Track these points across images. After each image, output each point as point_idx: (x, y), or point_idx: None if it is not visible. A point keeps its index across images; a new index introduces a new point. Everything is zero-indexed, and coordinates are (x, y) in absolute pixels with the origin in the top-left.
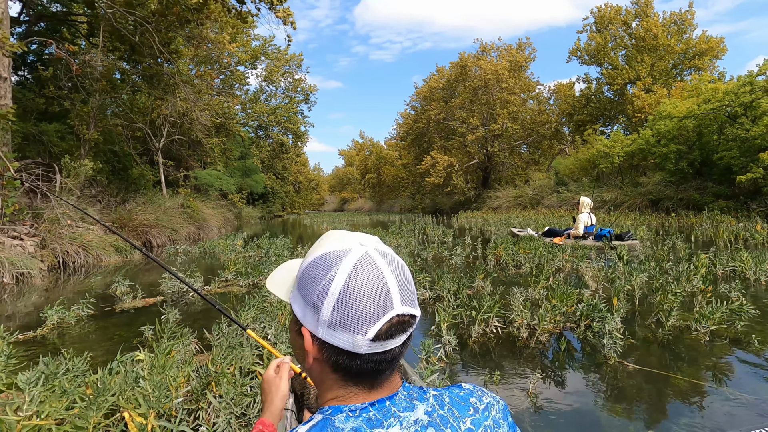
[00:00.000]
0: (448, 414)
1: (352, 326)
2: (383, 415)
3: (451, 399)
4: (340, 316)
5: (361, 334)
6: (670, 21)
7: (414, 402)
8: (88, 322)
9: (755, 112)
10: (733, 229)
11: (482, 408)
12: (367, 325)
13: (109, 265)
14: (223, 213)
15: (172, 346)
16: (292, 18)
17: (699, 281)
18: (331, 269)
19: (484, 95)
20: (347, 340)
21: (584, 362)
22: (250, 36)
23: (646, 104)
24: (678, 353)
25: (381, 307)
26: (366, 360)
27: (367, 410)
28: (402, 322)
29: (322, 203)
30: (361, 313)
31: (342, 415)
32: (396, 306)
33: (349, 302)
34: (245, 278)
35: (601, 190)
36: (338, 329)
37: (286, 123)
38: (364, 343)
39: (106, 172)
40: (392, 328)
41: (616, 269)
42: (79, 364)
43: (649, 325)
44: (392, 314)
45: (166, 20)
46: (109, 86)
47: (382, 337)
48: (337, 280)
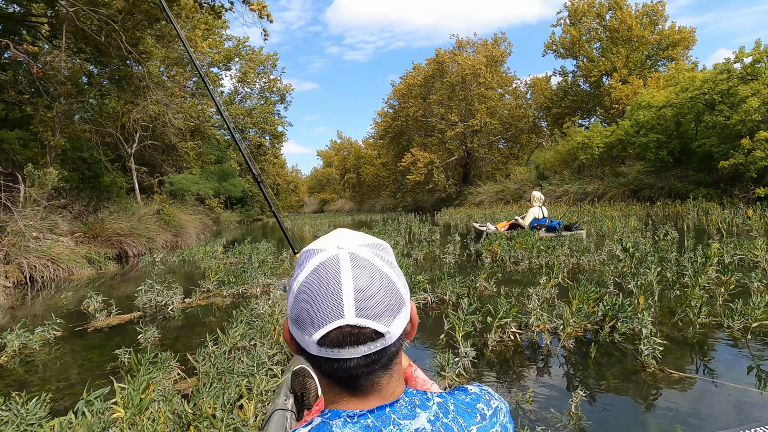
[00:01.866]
0: (453, 422)
1: (302, 325)
2: (382, 423)
3: (456, 406)
4: (295, 313)
5: (308, 335)
6: (643, 12)
7: (416, 410)
8: (56, 345)
9: (733, 99)
10: (723, 216)
11: (490, 414)
12: (312, 328)
13: (81, 278)
14: (200, 218)
15: (150, 379)
16: (267, 11)
17: (712, 272)
18: (301, 266)
19: (461, 91)
20: (301, 338)
21: (619, 371)
22: (222, 37)
23: (623, 95)
24: (717, 355)
25: (328, 313)
26: (322, 362)
27: (365, 417)
28: (355, 335)
29: (302, 205)
30: (308, 314)
31: (340, 420)
32: (347, 316)
33: (301, 301)
34: (228, 287)
35: (583, 182)
36: (295, 326)
37: (263, 124)
38: (312, 345)
39: (75, 180)
40: (342, 337)
41: (621, 260)
42: (36, 409)
43: (675, 324)
44: (340, 323)
45: (134, 18)
46: (75, 90)
47: (329, 344)
48: (299, 278)
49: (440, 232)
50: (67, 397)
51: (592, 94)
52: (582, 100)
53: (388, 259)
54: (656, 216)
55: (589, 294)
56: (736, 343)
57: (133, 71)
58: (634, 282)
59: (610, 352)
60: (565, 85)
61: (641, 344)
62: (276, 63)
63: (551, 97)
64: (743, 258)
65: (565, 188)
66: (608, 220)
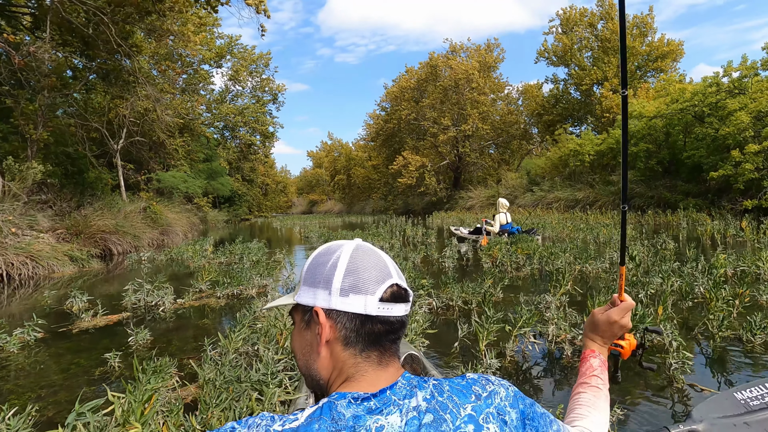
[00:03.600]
0: (448, 400)
1: (362, 288)
2: (383, 404)
3: (451, 387)
4: (350, 281)
5: (370, 294)
6: (633, 24)
7: (414, 390)
8: (37, 348)
9: (722, 112)
10: (716, 227)
11: (485, 396)
12: (374, 286)
13: (62, 276)
14: (188, 217)
15: (153, 389)
16: (265, 5)
17: (714, 282)
18: (336, 252)
19: (454, 95)
20: (359, 302)
21: (646, 385)
22: (214, 34)
23: (613, 104)
24: (740, 370)
25: (382, 274)
26: (376, 322)
27: (368, 399)
28: (400, 293)
29: (290, 206)
30: (367, 277)
31: (345, 401)
32: (393, 276)
33: (356, 270)
34: (223, 288)
35: (574, 189)
36: (350, 294)
37: (254, 123)
38: (374, 304)
39: (58, 176)
40: (393, 294)
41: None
42: (19, 424)
43: (695, 336)
44: (391, 282)
45: (124, 11)
46: (59, 83)
47: (387, 299)
48: (343, 256)
49: (434, 235)
50: (51, 406)
51: (583, 103)
52: (573, 108)
53: None
54: (648, 225)
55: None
56: (757, 358)
57: (122, 65)
58: (644, 291)
59: (631, 365)
60: (556, 93)
61: (669, 358)
62: (269, 62)
63: (543, 104)
64: (745, 270)
65: (556, 195)
66: (604, 228)
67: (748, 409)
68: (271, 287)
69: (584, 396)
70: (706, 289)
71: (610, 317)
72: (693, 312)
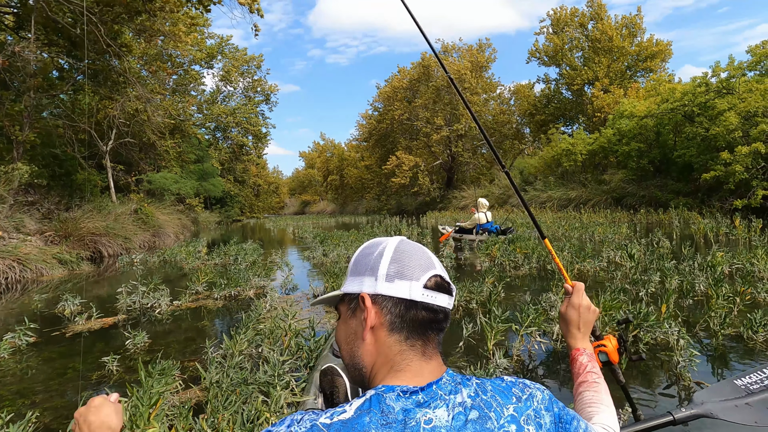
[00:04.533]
0: (492, 399)
1: (407, 274)
2: (430, 398)
3: (493, 387)
4: (396, 268)
5: (415, 279)
6: (622, 24)
7: (458, 386)
8: (29, 353)
9: (711, 112)
10: (708, 225)
11: (525, 398)
12: (419, 272)
13: (51, 279)
14: (179, 218)
15: (160, 392)
16: (258, 5)
17: (715, 280)
18: (381, 244)
19: (447, 95)
20: (404, 287)
21: (651, 383)
22: (204, 34)
23: (604, 104)
24: (744, 368)
25: (426, 264)
26: (420, 309)
27: (417, 393)
28: (443, 284)
29: (282, 207)
30: (412, 264)
31: (393, 394)
32: (437, 268)
33: (402, 257)
34: (220, 290)
35: (566, 189)
36: (395, 280)
37: (246, 124)
38: (419, 289)
39: (45, 177)
40: (437, 284)
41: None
42: (19, 431)
43: (695, 334)
44: (435, 272)
45: (113, 11)
46: (45, 84)
47: (431, 287)
48: (389, 247)
49: (430, 235)
50: (47, 412)
51: (575, 102)
52: (565, 108)
53: None
54: (640, 224)
55: (613, 303)
56: (759, 356)
57: (111, 66)
58: (645, 290)
59: (636, 363)
60: (548, 93)
61: (676, 356)
62: (261, 64)
63: (535, 104)
64: (740, 267)
65: (549, 194)
66: (599, 227)
67: (749, 392)
68: (269, 288)
69: (587, 395)
70: (706, 286)
71: (572, 304)
72: (694, 310)
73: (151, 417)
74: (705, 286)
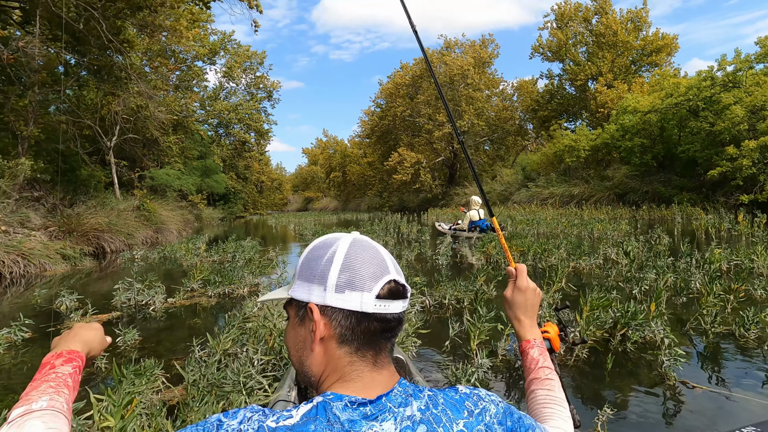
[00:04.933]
0: (442, 414)
1: (358, 285)
2: (378, 411)
3: (445, 400)
4: (346, 277)
5: (366, 291)
6: (627, 18)
7: (409, 398)
8: (24, 348)
9: (717, 106)
10: (711, 221)
11: (477, 412)
12: (371, 282)
13: (54, 274)
14: (182, 215)
15: (134, 393)
16: (257, 0)
17: (709, 277)
18: (332, 246)
19: (449, 91)
20: (355, 299)
21: (637, 383)
22: (207, 31)
23: (608, 99)
24: (734, 366)
25: (380, 270)
26: (372, 320)
27: (365, 405)
28: (398, 289)
29: (285, 203)
30: (365, 273)
31: (341, 403)
32: (391, 272)
33: (353, 265)
34: (214, 287)
35: (569, 185)
36: (346, 290)
37: (248, 120)
38: (371, 301)
39: (50, 173)
40: (391, 290)
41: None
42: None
43: (687, 333)
44: (389, 277)
45: (115, 6)
46: (50, 79)
47: (384, 296)
48: (339, 251)
49: (429, 232)
50: None
51: (578, 98)
52: (568, 104)
53: None
54: (642, 220)
55: (600, 301)
56: (751, 354)
57: (114, 61)
58: (638, 288)
59: (623, 362)
60: (551, 88)
61: (661, 355)
62: (263, 60)
63: (538, 100)
64: (740, 264)
65: (551, 191)
66: (598, 223)
67: None
68: (263, 286)
69: (540, 394)
70: (701, 284)
71: (519, 287)
72: (687, 308)
73: (126, 416)
74: (700, 284)
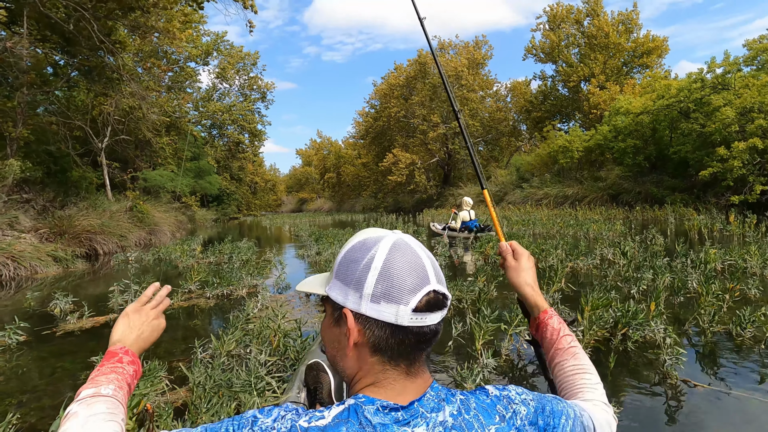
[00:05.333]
0: (474, 419)
1: (395, 297)
2: (410, 416)
3: (477, 405)
4: (383, 287)
5: (403, 304)
6: (618, 20)
7: (441, 403)
8: (19, 351)
9: (707, 108)
10: (703, 221)
11: (508, 417)
12: (408, 295)
13: (46, 277)
14: (175, 216)
15: (143, 395)
16: (252, 0)
17: (705, 277)
18: (371, 249)
19: (443, 92)
20: (391, 311)
21: (639, 382)
22: (200, 32)
23: (600, 101)
24: (733, 365)
25: (419, 280)
26: (408, 333)
27: (397, 410)
28: (437, 299)
29: (279, 204)
30: (402, 284)
31: (373, 407)
32: (432, 282)
33: (391, 275)
34: (212, 289)
35: (563, 186)
36: (381, 301)
37: (242, 121)
38: (407, 314)
39: (40, 174)
40: (429, 302)
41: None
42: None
43: (685, 332)
44: (429, 288)
45: (106, 7)
46: (39, 80)
47: (422, 309)
48: (378, 257)
49: (425, 233)
50: (33, 412)
51: (571, 99)
52: (561, 105)
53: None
54: (636, 220)
55: (601, 301)
56: (748, 353)
57: (105, 62)
58: (636, 287)
59: (624, 361)
60: (544, 89)
61: (663, 354)
62: (257, 61)
63: (531, 101)
64: (734, 264)
65: (545, 191)
66: (593, 224)
67: None
68: (261, 287)
69: (568, 365)
70: (698, 284)
71: (519, 255)
72: (685, 307)
73: (135, 418)
74: (697, 284)
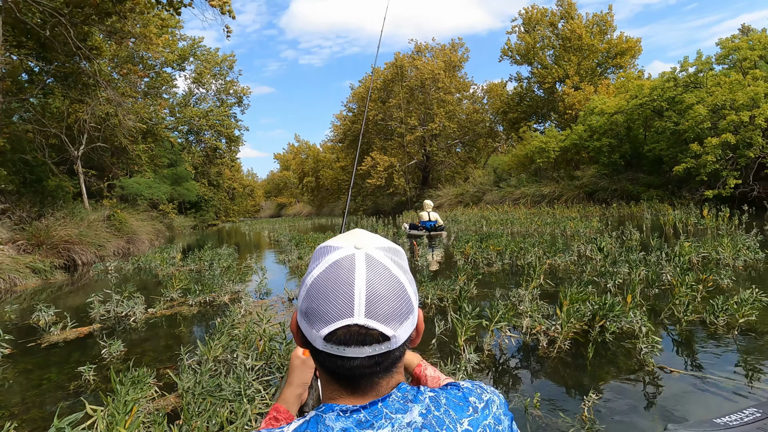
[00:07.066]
0: (444, 415)
1: (311, 319)
2: (374, 417)
3: (448, 400)
4: (305, 306)
5: (315, 329)
6: (593, 22)
7: (408, 404)
8: (4, 364)
9: (680, 106)
10: (678, 216)
11: (482, 407)
12: (321, 323)
13: (25, 289)
14: (153, 224)
15: (135, 400)
16: (230, 6)
17: (680, 269)
18: (316, 261)
19: (421, 95)
20: (308, 331)
21: (617, 371)
22: (176, 36)
23: (575, 101)
24: (706, 351)
25: (339, 310)
26: (326, 358)
27: (358, 412)
28: (362, 335)
29: (258, 210)
30: (319, 309)
31: (333, 413)
32: (356, 315)
33: (313, 295)
34: (194, 296)
35: (540, 185)
36: (304, 319)
37: (219, 127)
38: (318, 340)
39: (15, 184)
40: (349, 336)
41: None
42: None
43: (661, 321)
44: (348, 322)
45: (83, 12)
46: (14, 87)
47: (336, 341)
48: (315, 272)
49: (405, 235)
50: (25, 424)
51: (547, 100)
52: (537, 106)
53: (402, 265)
54: (612, 217)
55: (579, 295)
56: (721, 339)
57: (81, 68)
58: (613, 281)
59: (603, 352)
60: (520, 91)
61: (639, 343)
62: (233, 65)
63: (507, 102)
64: (707, 256)
65: (522, 191)
66: (570, 221)
67: (728, 428)
68: (243, 293)
69: None
70: (673, 276)
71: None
72: (660, 299)
73: (127, 424)
74: (671, 276)
